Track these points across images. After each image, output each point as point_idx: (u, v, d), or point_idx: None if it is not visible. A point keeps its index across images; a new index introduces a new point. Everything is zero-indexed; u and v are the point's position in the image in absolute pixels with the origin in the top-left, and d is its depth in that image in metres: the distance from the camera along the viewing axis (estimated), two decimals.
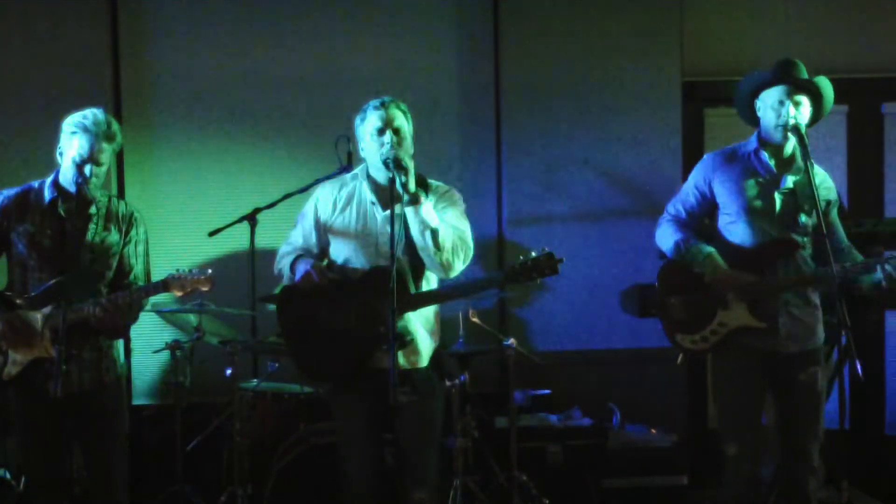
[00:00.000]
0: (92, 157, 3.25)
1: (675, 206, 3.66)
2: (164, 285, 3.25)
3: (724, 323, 3.47)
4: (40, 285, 3.26)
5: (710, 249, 3.47)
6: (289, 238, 3.45)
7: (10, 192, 3.40)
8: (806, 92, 3.43)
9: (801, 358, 3.46)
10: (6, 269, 3.39)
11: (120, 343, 3.48)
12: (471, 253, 3.26)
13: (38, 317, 3.21)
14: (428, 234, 3.13)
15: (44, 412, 3.25)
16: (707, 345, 3.51)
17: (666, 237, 3.61)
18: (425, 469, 3.27)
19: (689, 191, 3.63)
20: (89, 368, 3.35)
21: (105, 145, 3.27)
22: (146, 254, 3.50)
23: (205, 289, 3.27)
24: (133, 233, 3.44)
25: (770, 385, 3.53)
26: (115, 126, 3.33)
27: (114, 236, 3.39)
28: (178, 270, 3.28)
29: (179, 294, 3.27)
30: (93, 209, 3.35)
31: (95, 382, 3.36)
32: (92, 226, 3.33)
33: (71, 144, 3.27)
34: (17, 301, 3.30)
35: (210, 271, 3.30)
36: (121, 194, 4.84)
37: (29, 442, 3.34)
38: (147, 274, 3.48)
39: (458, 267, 3.22)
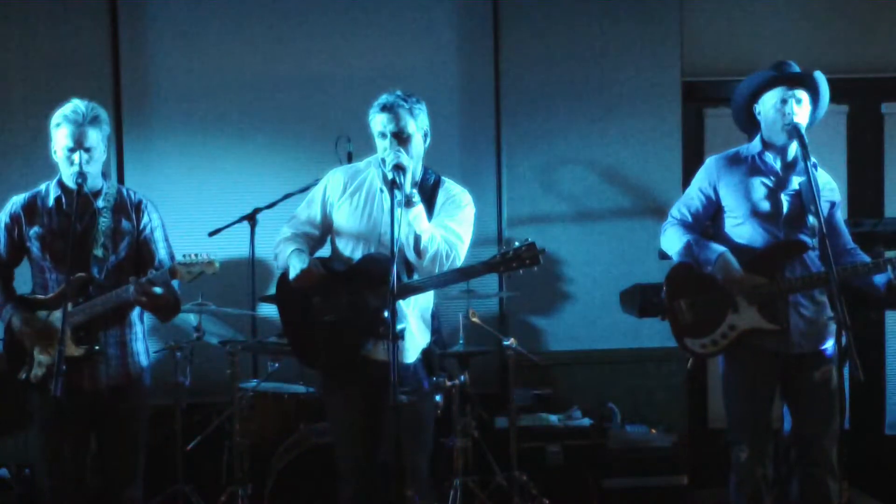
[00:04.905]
0: (78, 144, 3.25)
1: (680, 210, 3.64)
2: (171, 273, 3.25)
3: (735, 326, 3.44)
4: (57, 286, 3.29)
5: (723, 248, 3.45)
6: (293, 217, 3.41)
7: (19, 198, 3.43)
8: (806, 88, 3.44)
9: (814, 357, 3.44)
10: (30, 275, 3.43)
11: (142, 339, 3.48)
12: (457, 264, 3.22)
13: (59, 316, 3.21)
14: (411, 238, 3.15)
15: (71, 410, 3.26)
16: (717, 348, 3.49)
17: (674, 240, 3.58)
18: (417, 467, 3.27)
19: (693, 195, 3.61)
20: (114, 364, 3.37)
21: (90, 131, 3.26)
22: (165, 238, 3.50)
23: (211, 272, 3.27)
24: (146, 219, 3.45)
25: (782, 387, 3.51)
26: (100, 111, 3.32)
27: (125, 225, 3.40)
28: (184, 256, 3.27)
29: (188, 280, 3.26)
30: (100, 202, 3.36)
31: (121, 378, 3.38)
32: (102, 219, 3.34)
33: (57, 138, 3.29)
34: (38, 299, 3.35)
35: (213, 256, 3.28)
36: None
37: (52, 442, 3.33)
38: (171, 257, 3.46)
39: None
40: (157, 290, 3.24)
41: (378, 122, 3.24)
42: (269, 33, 5.04)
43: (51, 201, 3.37)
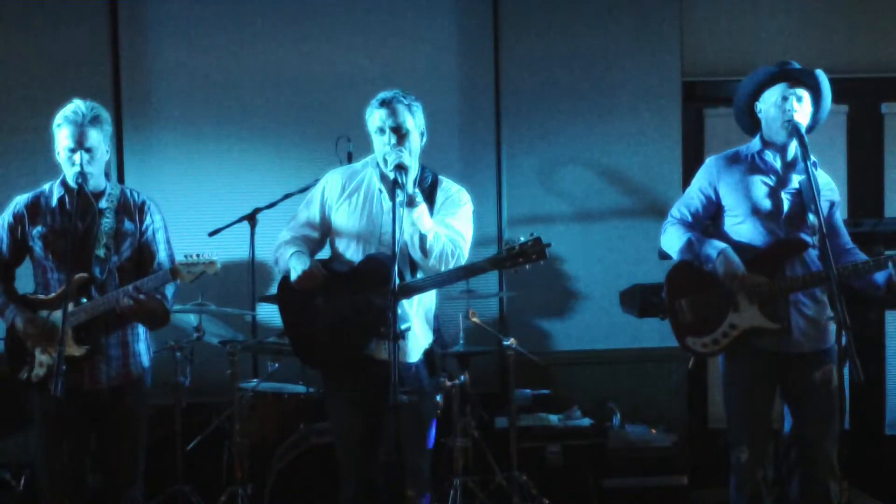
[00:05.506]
0: (79, 144, 3.26)
1: (680, 210, 3.64)
2: (173, 273, 3.27)
3: (736, 325, 3.44)
4: (59, 285, 3.30)
5: (724, 245, 3.45)
6: (292, 219, 3.41)
7: (22, 197, 3.44)
8: (807, 87, 3.44)
9: (815, 357, 3.43)
10: (32, 274, 3.43)
11: (144, 339, 3.48)
12: (461, 261, 3.23)
13: (60, 316, 3.20)
14: (416, 238, 3.15)
15: (72, 410, 3.27)
16: (718, 347, 3.48)
17: (675, 238, 3.58)
18: (417, 467, 3.27)
19: (693, 194, 3.61)
20: (116, 364, 3.37)
21: (91, 131, 3.28)
22: (167, 240, 3.51)
23: (212, 272, 3.30)
24: (148, 220, 3.46)
25: (783, 388, 3.51)
26: (101, 111, 3.34)
27: (128, 226, 3.40)
28: (185, 256, 3.30)
29: (190, 280, 3.29)
30: (103, 202, 3.37)
31: (122, 378, 3.39)
32: (104, 219, 3.34)
33: (59, 138, 3.30)
34: (40, 299, 3.35)
35: (215, 256, 3.31)
36: None
37: (52, 441, 3.33)
38: (171, 259, 3.47)
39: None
40: (141, 297, 3.24)
41: (377, 117, 3.23)
42: (269, 33, 5.04)
43: (54, 201, 3.39)
